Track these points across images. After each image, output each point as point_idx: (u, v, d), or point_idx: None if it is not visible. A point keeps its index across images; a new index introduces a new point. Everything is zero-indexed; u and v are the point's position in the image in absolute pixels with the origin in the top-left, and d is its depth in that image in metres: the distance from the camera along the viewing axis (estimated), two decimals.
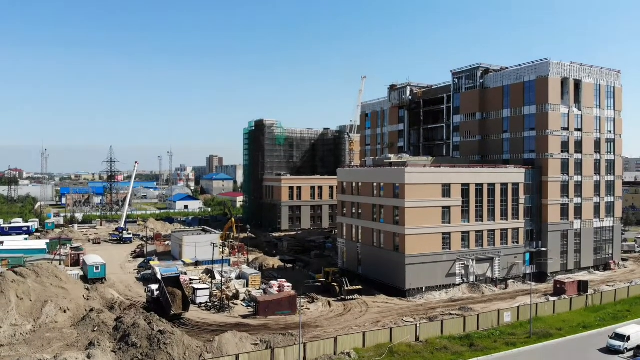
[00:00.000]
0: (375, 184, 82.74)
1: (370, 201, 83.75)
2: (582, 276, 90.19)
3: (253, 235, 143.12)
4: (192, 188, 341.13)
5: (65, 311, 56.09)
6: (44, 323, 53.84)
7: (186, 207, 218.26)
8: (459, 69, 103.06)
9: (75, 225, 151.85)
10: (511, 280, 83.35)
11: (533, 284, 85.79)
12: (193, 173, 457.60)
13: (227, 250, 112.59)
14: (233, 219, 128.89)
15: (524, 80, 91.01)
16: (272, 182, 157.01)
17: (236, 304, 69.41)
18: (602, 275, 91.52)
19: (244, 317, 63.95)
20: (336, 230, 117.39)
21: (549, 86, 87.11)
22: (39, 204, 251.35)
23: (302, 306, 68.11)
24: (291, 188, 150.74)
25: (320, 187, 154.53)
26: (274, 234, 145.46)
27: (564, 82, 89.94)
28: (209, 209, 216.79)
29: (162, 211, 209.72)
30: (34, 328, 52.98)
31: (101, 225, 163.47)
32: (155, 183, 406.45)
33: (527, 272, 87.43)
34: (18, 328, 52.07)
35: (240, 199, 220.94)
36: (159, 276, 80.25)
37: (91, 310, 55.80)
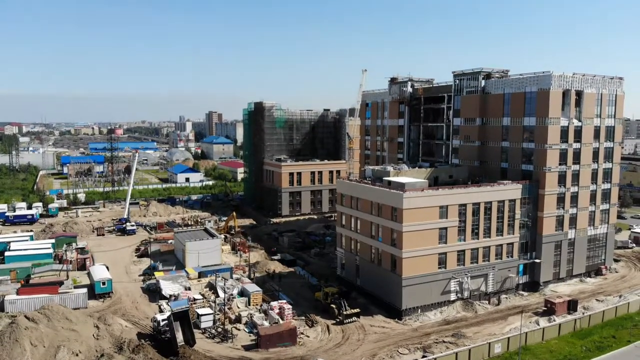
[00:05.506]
0: (374, 203, 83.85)
1: (368, 218, 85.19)
2: (573, 284, 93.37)
3: (254, 222, 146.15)
4: (192, 152, 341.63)
5: (77, 354, 58.93)
6: None
7: (187, 179, 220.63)
8: (460, 71, 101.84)
9: (79, 211, 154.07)
10: (504, 296, 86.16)
11: (525, 294, 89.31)
12: (193, 133, 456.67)
13: (228, 247, 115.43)
14: (234, 213, 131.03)
15: (525, 91, 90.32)
16: (272, 166, 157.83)
17: (239, 329, 72.53)
18: (593, 284, 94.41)
19: (246, 348, 66.97)
20: (335, 216, 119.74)
21: (549, 99, 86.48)
22: (40, 173, 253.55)
23: (302, 333, 71.34)
24: (291, 174, 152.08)
25: (320, 172, 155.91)
26: (274, 220, 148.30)
27: (565, 93, 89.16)
28: (210, 182, 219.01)
29: (164, 186, 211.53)
30: None
31: (104, 207, 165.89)
32: (155, 144, 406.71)
33: (520, 282, 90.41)
34: None
35: (240, 170, 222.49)
36: (164, 292, 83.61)
37: (102, 355, 58.64)
